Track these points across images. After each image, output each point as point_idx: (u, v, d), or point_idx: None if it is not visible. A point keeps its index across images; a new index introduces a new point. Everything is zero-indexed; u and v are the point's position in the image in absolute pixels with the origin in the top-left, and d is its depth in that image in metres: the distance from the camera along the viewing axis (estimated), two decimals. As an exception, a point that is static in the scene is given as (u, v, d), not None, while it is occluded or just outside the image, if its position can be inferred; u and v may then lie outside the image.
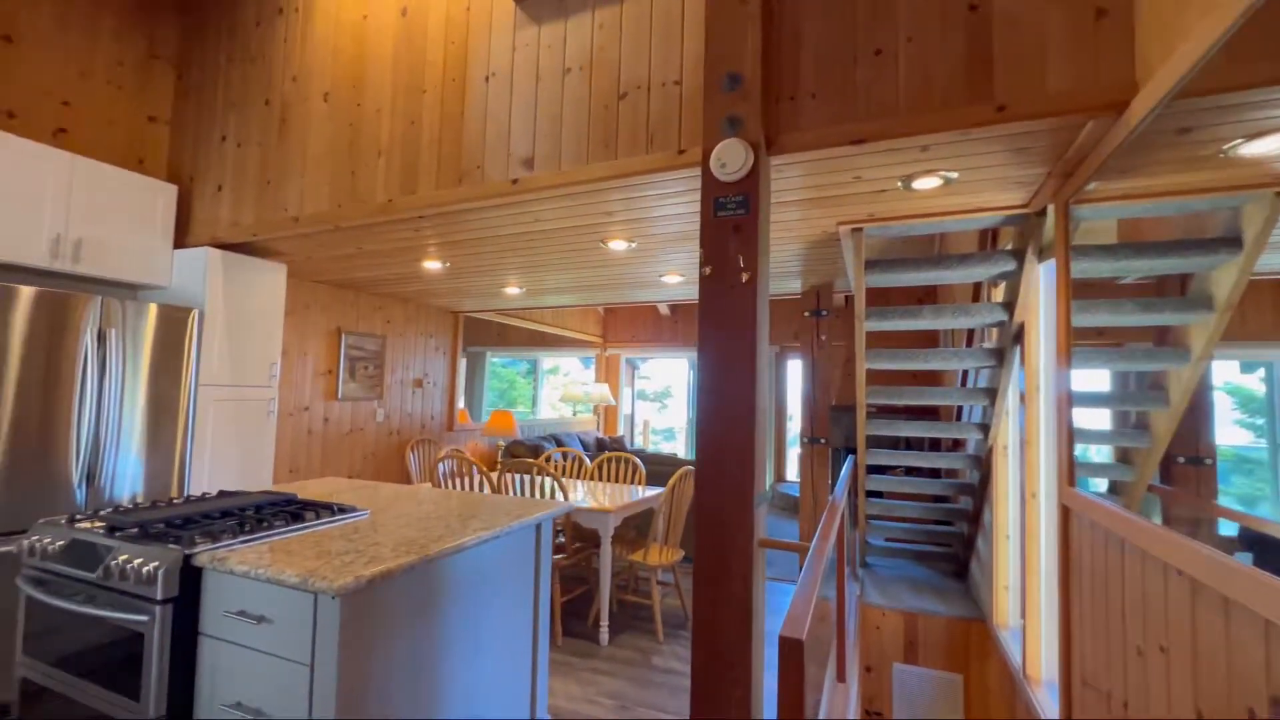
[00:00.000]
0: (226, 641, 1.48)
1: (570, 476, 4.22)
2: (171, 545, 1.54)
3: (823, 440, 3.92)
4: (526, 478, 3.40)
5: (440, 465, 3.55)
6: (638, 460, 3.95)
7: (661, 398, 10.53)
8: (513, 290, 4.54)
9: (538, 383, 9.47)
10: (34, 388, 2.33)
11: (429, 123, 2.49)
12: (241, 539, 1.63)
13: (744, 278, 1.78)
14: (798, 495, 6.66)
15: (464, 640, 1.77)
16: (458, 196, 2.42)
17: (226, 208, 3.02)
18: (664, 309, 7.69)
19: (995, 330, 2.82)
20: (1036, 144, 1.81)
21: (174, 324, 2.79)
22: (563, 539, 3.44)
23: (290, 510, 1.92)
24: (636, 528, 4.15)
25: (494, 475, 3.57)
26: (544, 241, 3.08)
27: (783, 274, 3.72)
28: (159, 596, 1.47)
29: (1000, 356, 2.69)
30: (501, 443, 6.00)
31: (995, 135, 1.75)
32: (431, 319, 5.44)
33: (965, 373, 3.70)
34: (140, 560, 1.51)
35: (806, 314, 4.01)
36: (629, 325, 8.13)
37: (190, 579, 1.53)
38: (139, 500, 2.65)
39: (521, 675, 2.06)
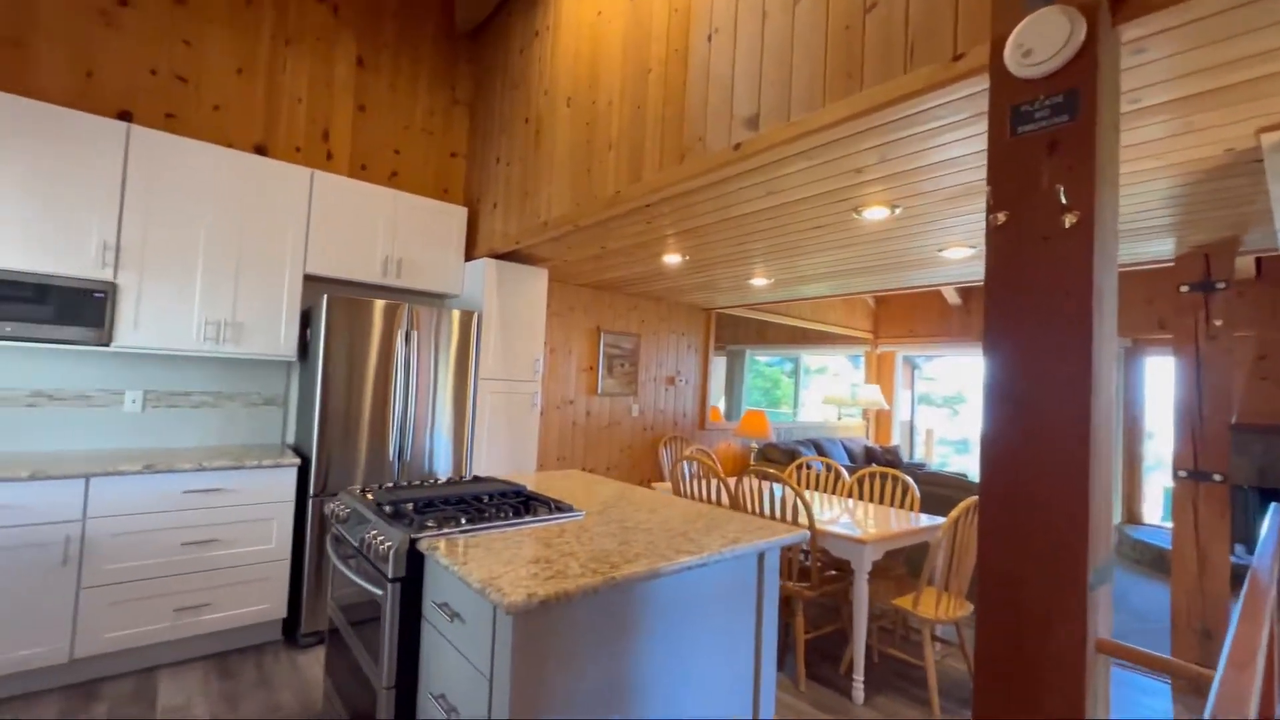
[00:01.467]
0: (436, 631, 1.51)
1: (824, 490, 3.69)
2: (405, 526, 1.64)
3: (1217, 476, 2.60)
4: (770, 488, 3.03)
5: (683, 466, 3.42)
6: (908, 480, 3.22)
7: (952, 403, 8.90)
8: (759, 281, 4.21)
9: (798, 382, 8.90)
10: (377, 378, 2.90)
11: (653, 102, 2.34)
12: (459, 529, 1.66)
13: (1067, 222, 1.13)
14: (1159, 545, 4.74)
15: (666, 675, 1.52)
16: (680, 175, 2.20)
17: (499, 220, 3.39)
18: (951, 295, 6.39)
19: None
20: None
21: (461, 325, 3.23)
22: (809, 564, 2.97)
23: (514, 503, 1.94)
24: (908, 562, 3.40)
25: (733, 480, 3.29)
26: (784, 218, 2.67)
27: (1138, 229, 2.57)
28: (389, 574, 1.57)
29: None
30: (755, 444, 5.71)
31: None
32: (683, 317, 5.45)
33: None
34: (382, 538, 1.64)
35: (1184, 288, 2.72)
36: (905, 318, 7.01)
37: (417, 561, 1.60)
38: (431, 478, 3.12)
39: (740, 730, 1.73)
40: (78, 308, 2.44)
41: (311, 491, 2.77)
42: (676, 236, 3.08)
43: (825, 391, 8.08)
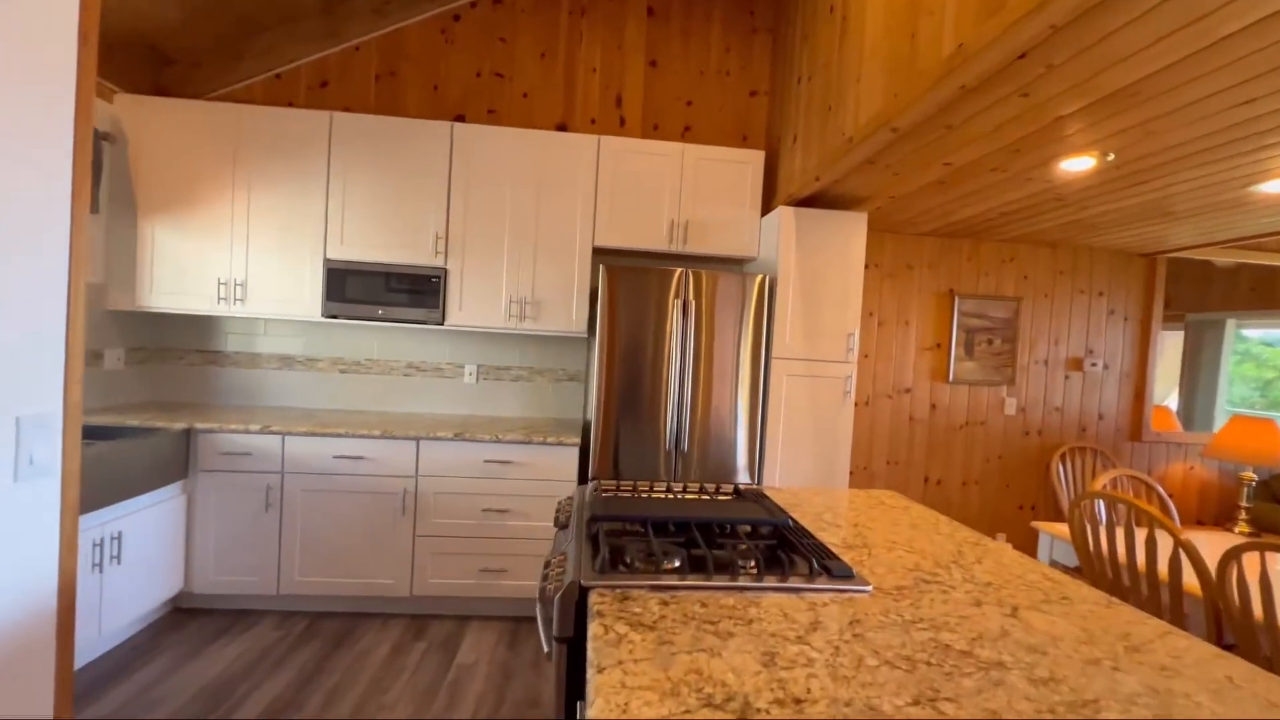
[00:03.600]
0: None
1: None
2: (591, 557, 1.18)
3: None
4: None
5: (1095, 505, 2.12)
6: None
7: None
8: (1275, 187, 2.34)
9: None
10: (651, 356, 2.61)
11: None
12: (651, 579, 1.10)
13: None
14: None
15: None
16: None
17: (798, 156, 2.66)
18: None
19: None
20: None
21: (749, 293, 2.65)
22: None
23: (764, 546, 1.28)
24: None
25: (1204, 542, 1.83)
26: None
27: None
28: (555, 630, 1.12)
29: None
30: (1250, 475, 3.49)
31: None
32: (1101, 268, 3.63)
33: None
34: (561, 569, 1.21)
35: None
36: None
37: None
38: (711, 486, 2.65)
39: None
40: (422, 292, 2.80)
41: (589, 475, 2.63)
42: (1084, 114, 1.81)
43: None
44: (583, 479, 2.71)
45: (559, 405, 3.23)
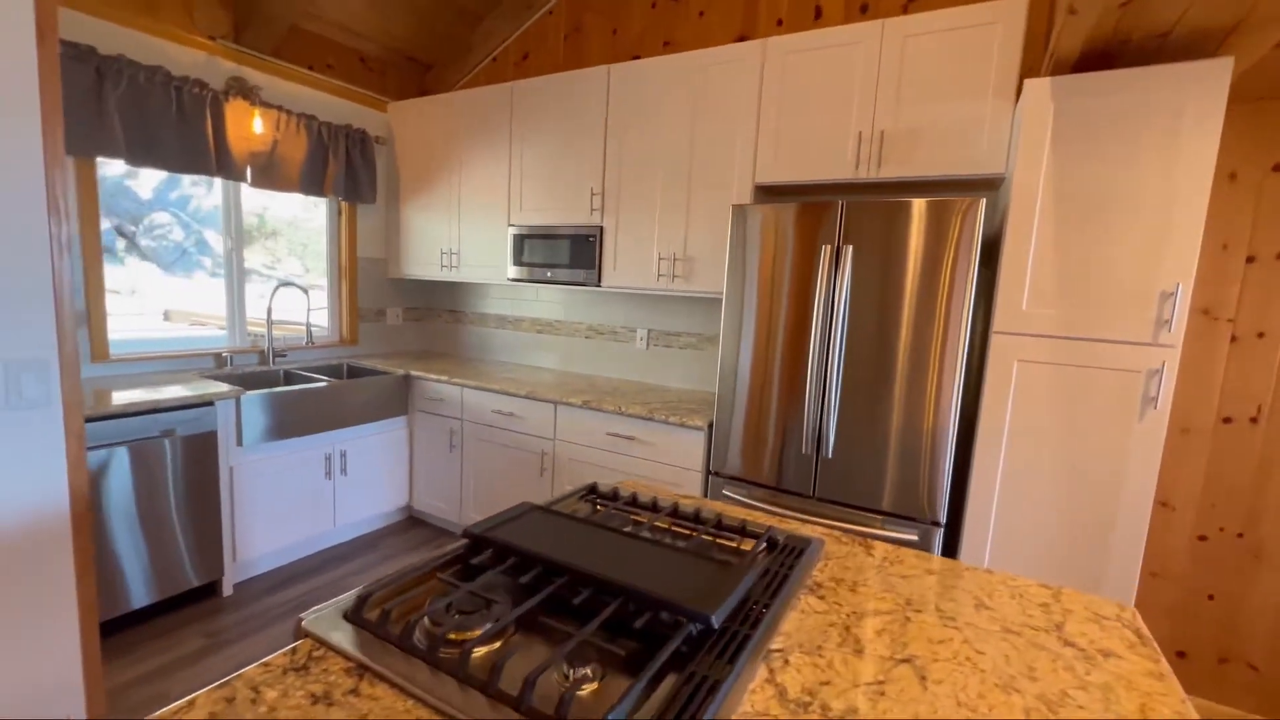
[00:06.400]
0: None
1: None
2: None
3: None
4: None
5: None
6: None
7: None
8: None
9: None
10: (787, 324, 1.97)
11: None
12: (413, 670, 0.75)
13: None
14: None
15: None
16: None
17: (1064, -15, 1.52)
18: None
19: None
20: None
21: (945, 230, 1.70)
22: None
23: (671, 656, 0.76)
24: None
25: None
26: None
27: None
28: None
29: None
30: None
31: None
32: None
33: None
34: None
35: None
36: None
37: None
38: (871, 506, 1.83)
39: None
40: (580, 252, 2.72)
41: (710, 466, 2.16)
42: None
43: None
44: (712, 467, 2.25)
45: (730, 380, 2.76)
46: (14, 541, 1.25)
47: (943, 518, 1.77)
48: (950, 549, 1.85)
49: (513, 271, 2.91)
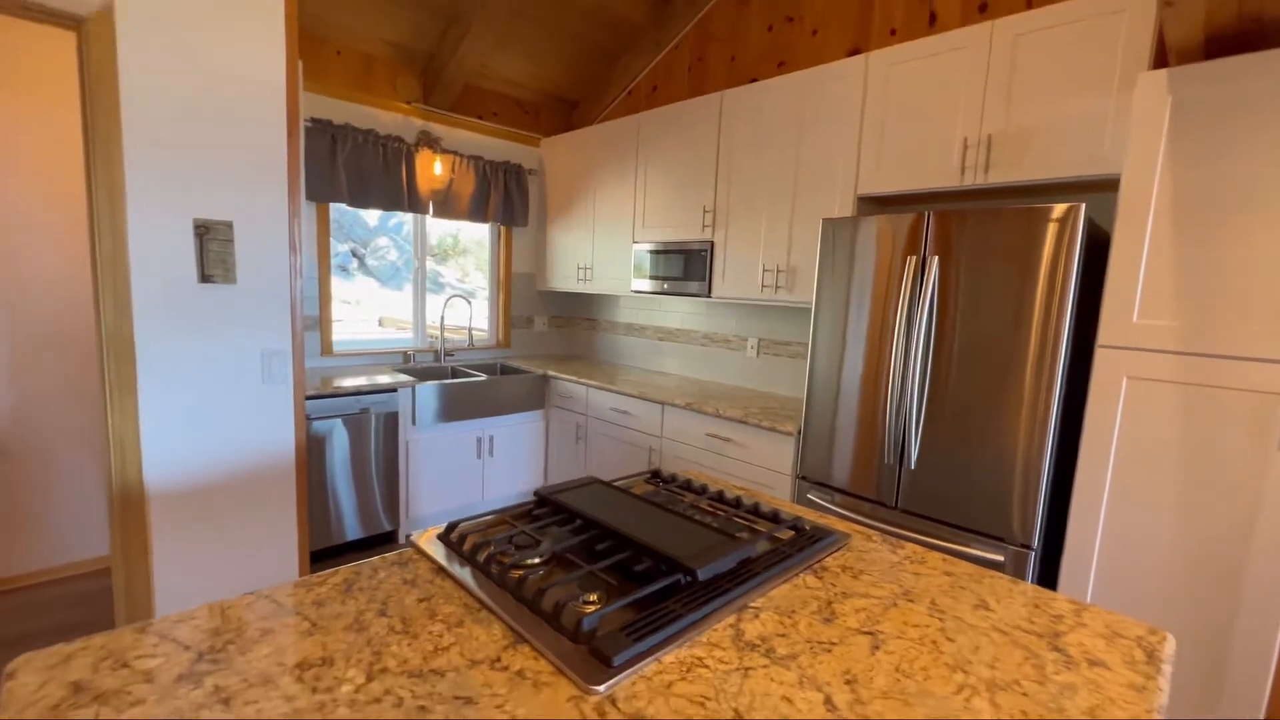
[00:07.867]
0: None
1: None
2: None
3: None
4: None
5: None
6: None
7: None
8: None
9: None
10: (870, 335, 1.99)
11: None
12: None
13: None
14: None
15: None
16: None
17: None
18: None
19: None
20: None
21: (1037, 237, 1.62)
22: None
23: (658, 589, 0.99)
24: None
25: None
26: None
27: None
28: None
29: None
30: None
31: None
32: None
33: None
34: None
35: None
36: None
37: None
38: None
39: None
40: (693, 265, 2.94)
41: (799, 471, 2.23)
42: None
43: None
44: (800, 472, 2.31)
45: (838, 389, 2.77)
46: (268, 473, 1.82)
47: (1035, 542, 1.67)
48: (1048, 579, 1.73)
49: (635, 284, 3.22)
